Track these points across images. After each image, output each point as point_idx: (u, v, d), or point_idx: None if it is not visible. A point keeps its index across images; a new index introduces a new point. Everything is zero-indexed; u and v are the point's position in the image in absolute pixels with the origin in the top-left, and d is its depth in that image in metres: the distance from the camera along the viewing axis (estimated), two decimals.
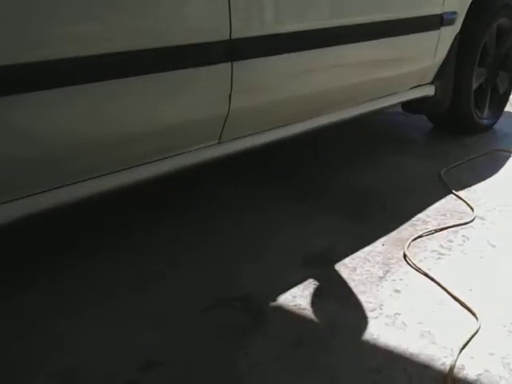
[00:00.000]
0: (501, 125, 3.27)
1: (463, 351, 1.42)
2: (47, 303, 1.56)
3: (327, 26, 2.01)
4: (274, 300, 1.62)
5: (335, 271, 1.78)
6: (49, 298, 1.58)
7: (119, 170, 1.62)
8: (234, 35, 1.76)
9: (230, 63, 1.78)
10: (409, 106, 2.90)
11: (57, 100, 1.38)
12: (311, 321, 1.54)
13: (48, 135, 1.38)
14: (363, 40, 2.16)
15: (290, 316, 1.56)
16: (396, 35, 2.33)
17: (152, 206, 2.17)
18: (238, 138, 1.97)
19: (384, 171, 2.60)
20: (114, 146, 1.58)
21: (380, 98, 2.47)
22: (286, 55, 1.97)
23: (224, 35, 1.74)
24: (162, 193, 2.28)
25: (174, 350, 1.41)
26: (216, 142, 1.91)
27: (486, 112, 3.16)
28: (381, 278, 1.75)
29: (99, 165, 1.58)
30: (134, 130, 1.61)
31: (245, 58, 1.82)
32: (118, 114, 1.55)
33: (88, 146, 1.51)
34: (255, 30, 1.85)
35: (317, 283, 1.71)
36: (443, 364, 1.38)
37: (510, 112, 3.51)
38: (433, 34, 2.61)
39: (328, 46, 2.04)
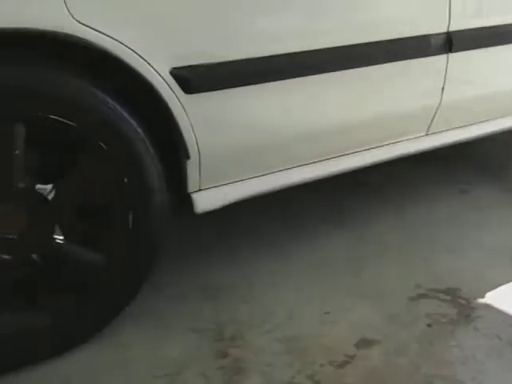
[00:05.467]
0: None
1: None
2: None
3: None
4: (483, 296, 1.60)
5: None
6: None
7: (333, 158, 1.71)
8: (452, 27, 1.75)
9: (445, 55, 1.77)
10: None
11: (285, 91, 1.50)
12: None
13: (279, 124, 1.52)
14: None
15: (502, 313, 1.52)
16: None
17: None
18: (446, 130, 1.96)
19: None
20: (331, 135, 1.68)
21: None
22: (501, 47, 1.91)
23: (442, 28, 1.74)
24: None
25: (387, 330, 1.46)
26: (424, 133, 1.91)
27: None
28: None
29: (318, 152, 1.67)
30: (349, 120, 1.68)
31: (460, 50, 1.80)
32: (336, 105, 1.63)
33: (309, 135, 1.61)
34: (472, 22, 1.82)
35: None
36: None
37: None
38: None
39: None
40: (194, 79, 1.34)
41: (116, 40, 1.23)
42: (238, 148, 1.48)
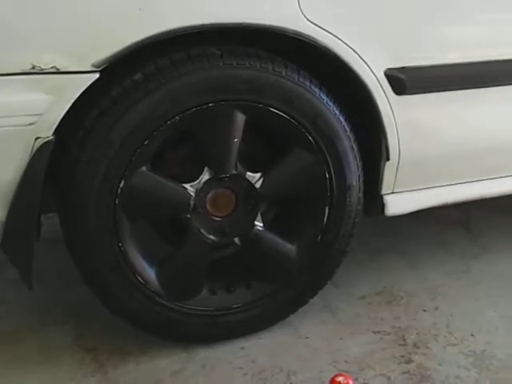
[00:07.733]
0: None
1: None
2: None
3: None
4: None
5: None
6: None
7: None
8: None
9: None
10: None
11: (492, 99, 1.46)
12: None
13: (482, 132, 1.48)
14: None
15: None
16: None
17: None
18: None
19: None
20: None
21: None
22: None
23: None
24: None
25: None
26: None
27: None
28: None
29: None
30: None
31: None
32: None
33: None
34: None
35: None
36: None
37: None
38: None
39: None
40: (406, 81, 1.34)
41: (339, 39, 1.26)
42: (437, 153, 1.45)
